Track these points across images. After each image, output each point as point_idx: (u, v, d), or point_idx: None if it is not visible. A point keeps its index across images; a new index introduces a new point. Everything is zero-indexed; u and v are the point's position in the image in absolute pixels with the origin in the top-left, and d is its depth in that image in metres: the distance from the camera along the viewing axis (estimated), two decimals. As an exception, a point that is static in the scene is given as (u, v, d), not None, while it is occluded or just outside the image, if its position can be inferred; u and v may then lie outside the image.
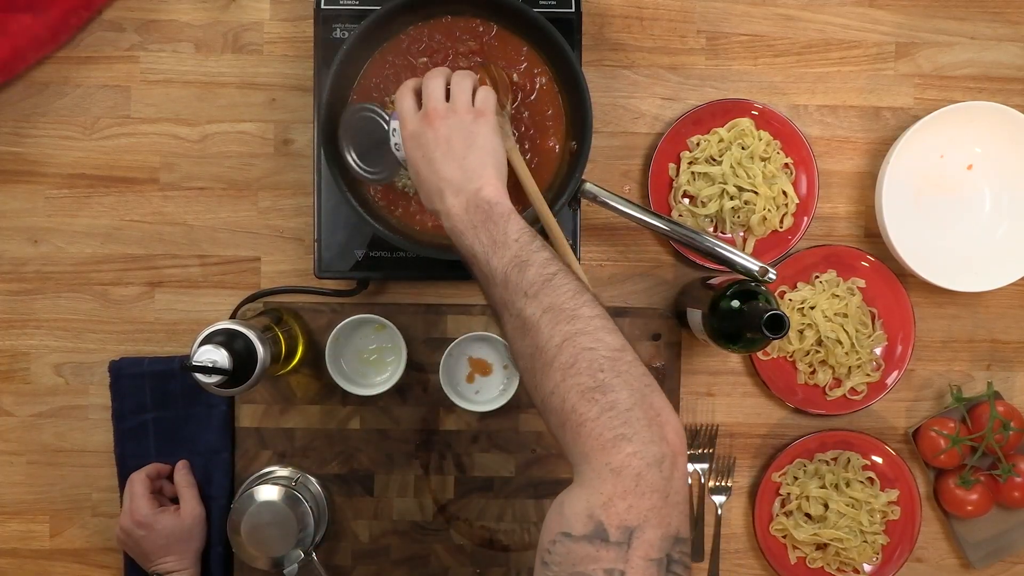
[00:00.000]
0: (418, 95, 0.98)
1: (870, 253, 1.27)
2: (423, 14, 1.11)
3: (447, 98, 0.96)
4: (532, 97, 1.13)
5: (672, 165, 1.25)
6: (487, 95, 0.97)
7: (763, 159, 1.23)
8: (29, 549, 1.26)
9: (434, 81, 0.97)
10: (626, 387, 0.76)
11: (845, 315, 1.24)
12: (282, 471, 1.22)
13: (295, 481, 1.19)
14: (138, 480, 1.18)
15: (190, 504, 1.18)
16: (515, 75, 1.12)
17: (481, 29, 1.12)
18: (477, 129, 0.94)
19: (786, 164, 1.25)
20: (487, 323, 1.25)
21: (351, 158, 1.04)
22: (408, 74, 1.12)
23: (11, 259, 1.25)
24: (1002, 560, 1.29)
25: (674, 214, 1.24)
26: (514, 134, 1.10)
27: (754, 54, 1.27)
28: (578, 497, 0.73)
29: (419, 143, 0.95)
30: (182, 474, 1.21)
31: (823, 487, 1.24)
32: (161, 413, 1.23)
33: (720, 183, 1.22)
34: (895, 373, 1.26)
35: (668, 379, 1.26)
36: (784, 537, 1.27)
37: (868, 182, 1.27)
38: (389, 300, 1.27)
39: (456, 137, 0.94)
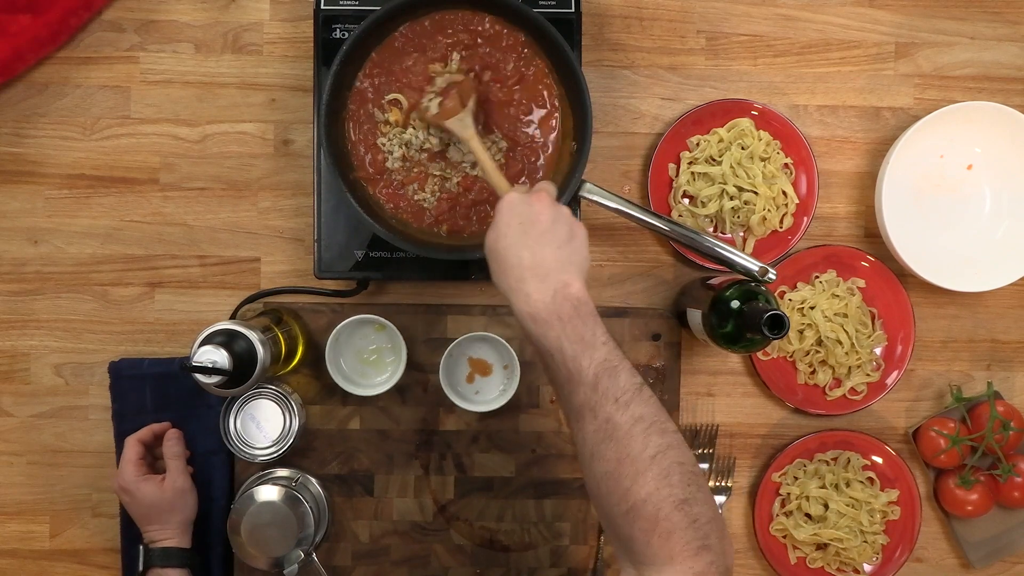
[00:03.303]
0: None
1: (870, 253, 1.27)
2: (422, 14, 1.11)
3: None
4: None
5: (672, 165, 1.25)
6: None
7: (763, 159, 1.23)
8: (29, 549, 1.26)
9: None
10: (707, 502, 0.85)
11: (845, 315, 1.24)
12: (282, 471, 1.22)
13: (295, 481, 1.19)
14: (130, 444, 1.16)
15: (173, 476, 1.15)
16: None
17: (480, 29, 1.12)
18: (579, 228, 0.96)
19: (786, 164, 1.25)
20: (487, 323, 1.25)
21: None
22: (408, 76, 1.12)
23: (11, 259, 1.25)
24: (1002, 560, 1.29)
25: (674, 214, 1.24)
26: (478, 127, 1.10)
27: (754, 54, 1.27)
28: None
29: (519, 212, 0.94)
30: (169, 444, 1.18)
31: (823, 487, 1.24)
32: (161, 414, 1.22)
33: (720, 183, 1.22)
34: (895, 373, 1.26)
35: (668, 379, 1.26)
36: (784, 537, 1.27)
37: (868, 182, 1.27)
38: (389, 300, 1.27)
39: (561, 225, 0.94)
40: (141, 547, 1.16)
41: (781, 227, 1.25)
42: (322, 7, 1.16)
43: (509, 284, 0.92)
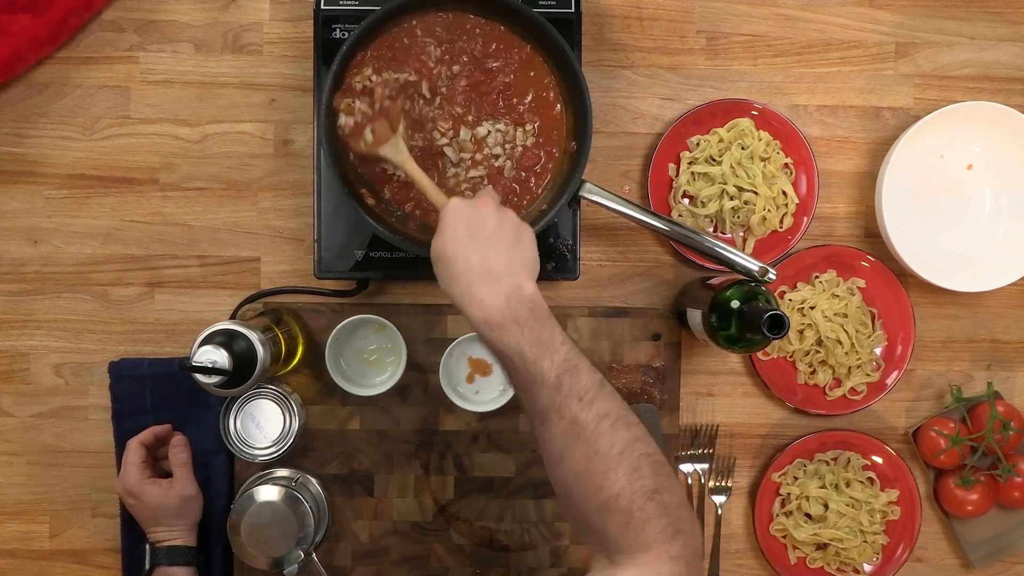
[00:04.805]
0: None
1: (870, 253, 1.27)
2: (422, 15, 1.11)
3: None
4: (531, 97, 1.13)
5: (672, 165, 1.25)
6: None
7: (763, 159, 1.23)
8: (29, 549, 1.26)
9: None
10: (676, 488, 0.87)
11: (845, 315, 1.24)
12: (282, 471, 1.22)
13: (295, 481, 1.19)
14: (132, 447, 1.16)
15: (180, 483, 1.16)
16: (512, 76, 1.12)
17: (479, 30, 1.12)
18: (525, 230, 0.95)
19: (786, 164, 1.25)
20: (487, 323, 1.24)
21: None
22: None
23: (11, 259, 1.25)
24: (1002, 560, 1.29)
25: (674, 214, 1.24)
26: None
27: (754, 54, 1.27)
28: None
29: (464, 216, 0.94)
30: (175, 452, 1.18)
31: (823, 487, 1.24)
32: (161, 414, 1.22)
33: (720, 183, 1.22)
34: (895, 373, 1.26)
35: (668, 379, 1.25)
36: (784, 537, 1.27)
37: (868, 182, 1.27)
38: (389, 300, 1.27)
39: (508, 228, 0.94)
40: (147, 546, 1.16)
41: (781, 227, 1.25)
42: (322, 7, 1.16)
43: (459, 290, 0.92)
